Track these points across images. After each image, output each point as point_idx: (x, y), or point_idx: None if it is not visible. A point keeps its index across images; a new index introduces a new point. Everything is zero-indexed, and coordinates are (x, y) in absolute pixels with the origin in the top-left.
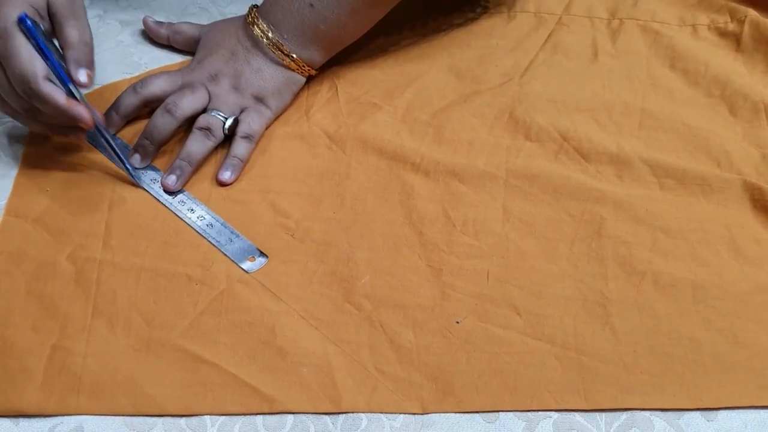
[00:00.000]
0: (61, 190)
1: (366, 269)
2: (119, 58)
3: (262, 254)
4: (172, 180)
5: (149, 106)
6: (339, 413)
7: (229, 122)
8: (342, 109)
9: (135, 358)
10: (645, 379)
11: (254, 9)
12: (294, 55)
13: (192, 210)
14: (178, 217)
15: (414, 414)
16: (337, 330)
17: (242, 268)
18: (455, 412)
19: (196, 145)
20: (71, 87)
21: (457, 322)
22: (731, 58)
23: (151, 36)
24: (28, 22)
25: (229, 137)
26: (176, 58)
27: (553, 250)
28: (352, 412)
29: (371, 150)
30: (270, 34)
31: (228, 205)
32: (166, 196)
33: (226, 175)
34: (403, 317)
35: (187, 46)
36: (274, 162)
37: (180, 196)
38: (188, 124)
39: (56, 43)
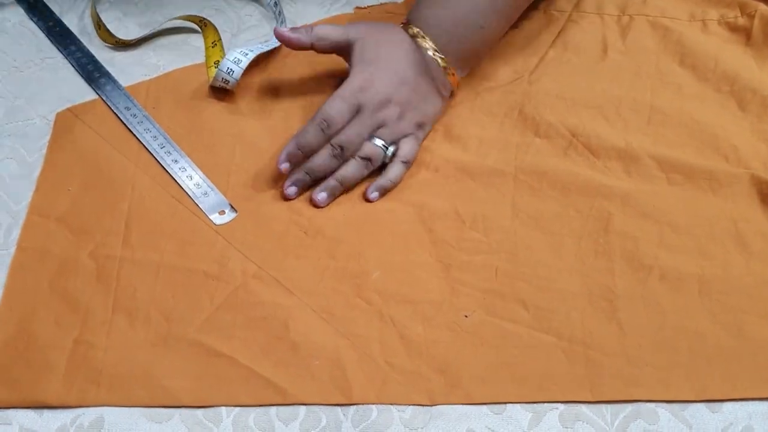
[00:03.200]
0: (82, 189)
1: (376, 265)
2: (138, 60)
3: (233, 209)
4: (322, 197)
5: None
6: (350, 405)
7: (390, 150)
8: None
9: (154, 352)
10: (650, 372)
11: (412, 27)
12: (458, 78)
13: (176, 161)
14: (160, 164)
15: (423, 405)
16: (348, 324)
17: (211, 220)
18: (463, 404)
19: (353, 171)
20: None
21: (466, 316)
22: (741, 52)
23: (290, 47)
24: None
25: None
26: (195, 60)
27: (560, 246)
28: (363, 404)
29: None
30: (439, 57)
31: (245, 205)
32: (154, 144)
33: (374, 196)
34: (412, 311)
35: (334, 50)
36: None
37: (167, 146)
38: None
39: None
